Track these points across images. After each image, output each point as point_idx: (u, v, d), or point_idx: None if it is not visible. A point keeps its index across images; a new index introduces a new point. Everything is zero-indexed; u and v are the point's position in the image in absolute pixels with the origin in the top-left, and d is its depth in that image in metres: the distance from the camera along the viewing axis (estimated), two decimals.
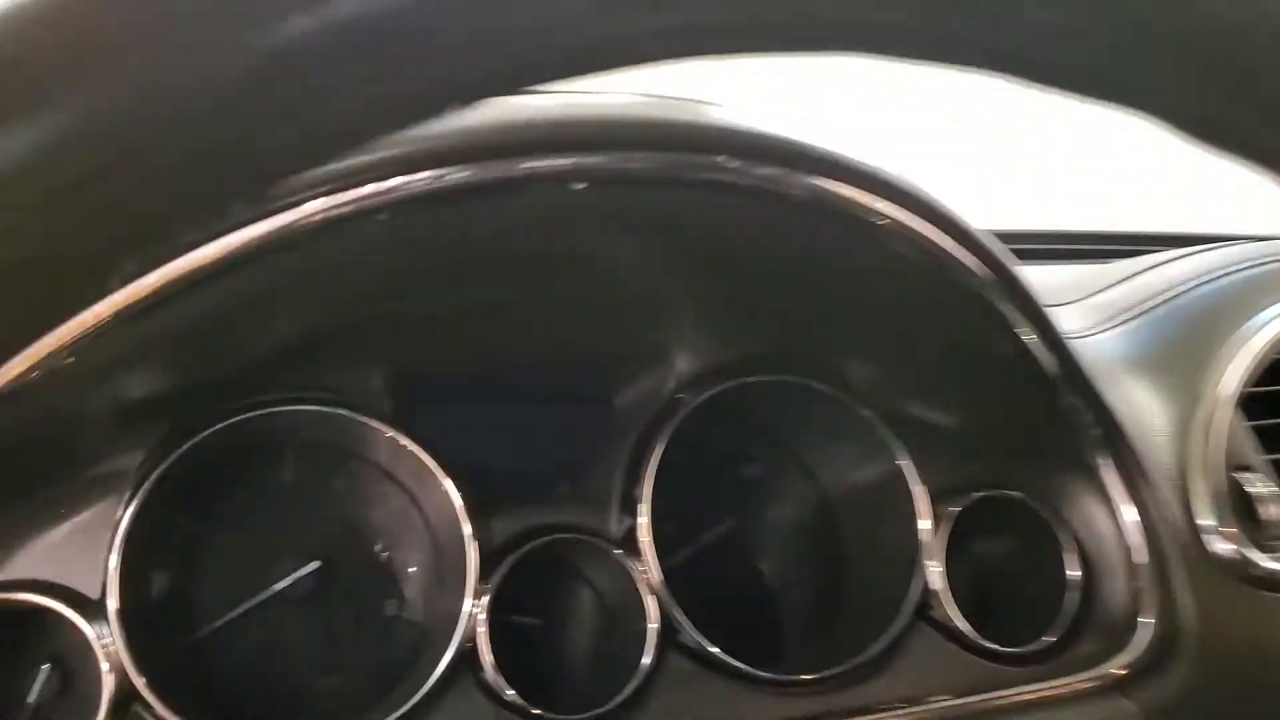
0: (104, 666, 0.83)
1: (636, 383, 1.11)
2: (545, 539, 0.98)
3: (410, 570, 1.06)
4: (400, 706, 0.89)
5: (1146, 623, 1.05)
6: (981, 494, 1.09)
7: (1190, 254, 1.39)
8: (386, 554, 1.06)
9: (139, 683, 0.83)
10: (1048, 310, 1.03)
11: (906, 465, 1.08)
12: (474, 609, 0.93)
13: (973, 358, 1.07)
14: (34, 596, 0.83)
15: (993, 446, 1.13)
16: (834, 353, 1.10)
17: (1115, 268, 1.44)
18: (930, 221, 0.91)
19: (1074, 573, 1.08)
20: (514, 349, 1.05)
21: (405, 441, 0.95)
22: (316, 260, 0.79)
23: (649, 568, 0.99)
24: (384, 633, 1.04)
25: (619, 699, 0.93)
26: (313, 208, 0.72)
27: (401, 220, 0.75)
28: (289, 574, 0.99)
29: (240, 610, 0.98)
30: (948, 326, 1.04)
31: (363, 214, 0.73)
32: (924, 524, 1.07)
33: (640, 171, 0.79)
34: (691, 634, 0.97)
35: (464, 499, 0.99)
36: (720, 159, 0.80)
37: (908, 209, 0.89)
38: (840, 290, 1.02)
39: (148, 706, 0.83)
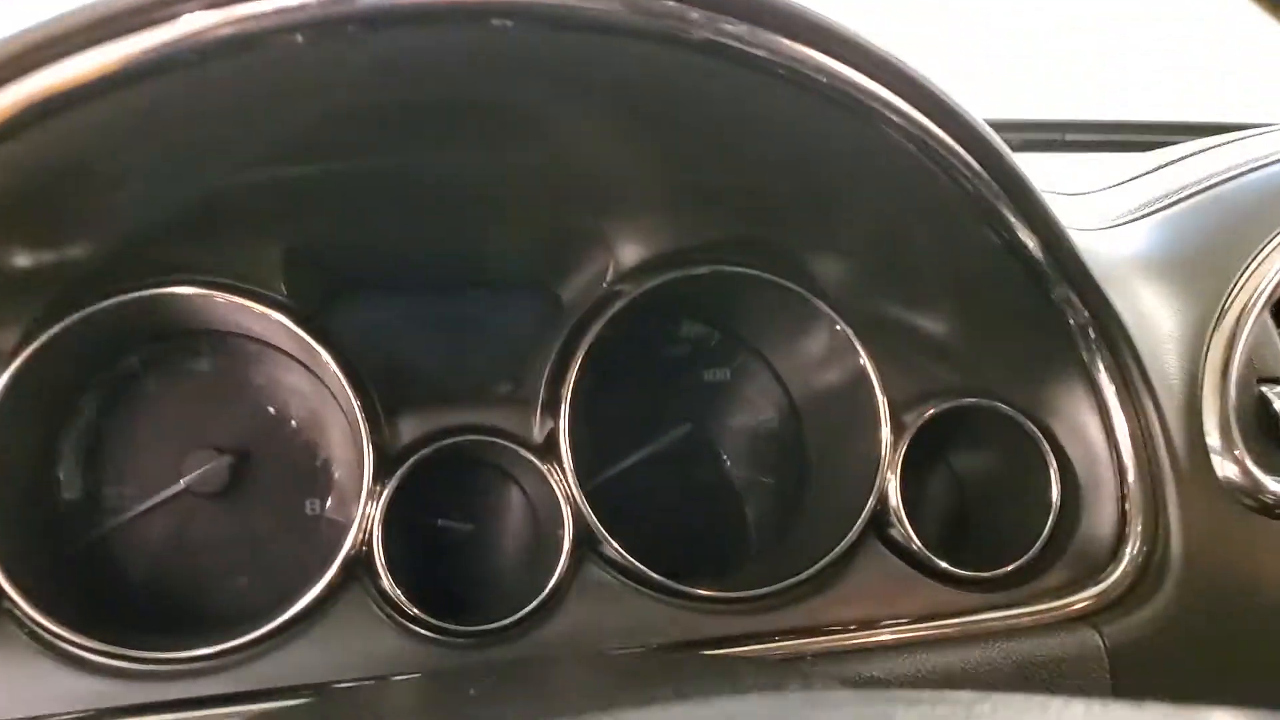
0: None
1: (573, 272, 1.01)
2: (451, 441, 0.91)
3: (333, 468, 1.00)
4: (288, 611, 0.84)
5: (1128, 552, 0.94)
6: (952, 404, 0.98)
7: (1231, 141, 1.22)
8: (310, 449, 1.00)
9: (3, 581, 0.78)
10: (1052, 201, 0.90)
11: (868, 369, 0.97)
12: (370, 511, 0.87)
13: (954, 251, 0.95)
14: None
15: (973, 351, 1.01)
16: (796, 243, 0.99)
17: (1146, 159, 1.28)
18: (914, 101, 0.78)
19: (1054, 492, 0.98)
20: (438, 227, 0.95)
21: (298, 330, 0.87)
22: (208, 96, 0.69)
23: (566, 475, 0.91)
24: (304, 532, 0.99)
25: (523, 611, 0.87)
26: (201, 22, 0.62)
27: (316, 49, 0.64)
28: (198, 468, 0.94)
29: (142, 507, 0.93)
30: (927, 216, 0.92)
31: (265, 35, 0.62)
32: (883, 435, 0.96)
33: (591, 13, 0.68)
34: (610, 544, 0.89)
35: (376, 394, 0.92)
36: (679, 5, 0.68)
37: (889, 85, 0.77)
38: (807, 173, 0.90)
39: (16, 604, 0.79)
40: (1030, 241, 0.89)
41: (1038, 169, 0.91)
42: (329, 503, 0.99)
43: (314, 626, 0.85)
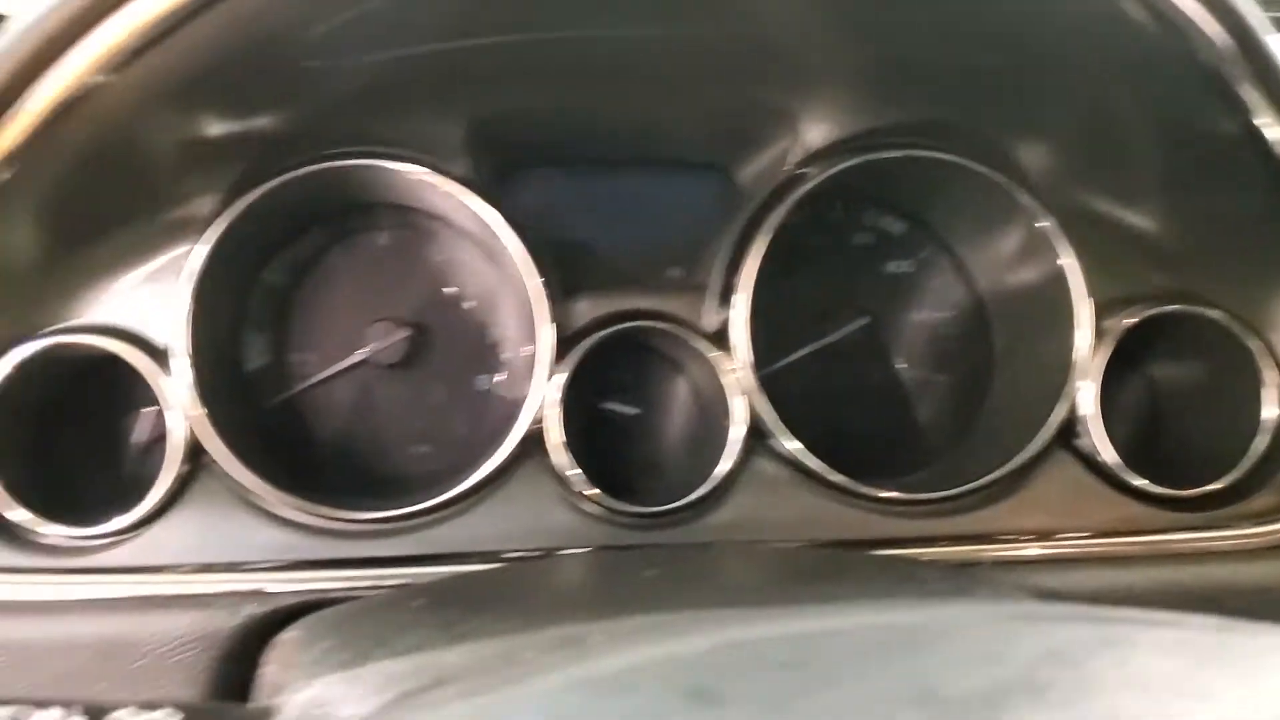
0: (172, 417, 0.83)
1: (754, 152, 0.97)
2: (626, 326, 0.90)
3: (504, 347, 1.01)
4: (465, 482, 0.86)
5: None
6: (1160, 309, 0.91)
7: None
8: (483, 326, 1.01)
9: (206, 436, 0.83)
10: None
11: (1071, 266, 0.90)
12: (548, 390, 0.87)
13: (1181, 138, 0.86)
14: (105, 341, 0.83)
15: (1188, 251, 0.93)
16: (1000, 126, 0.91)
17: None
18: None
19: (1272, 410, 0.90)
20: (622, 103, 0.92)
21: (480, 206, 0.87)
22: None
23: (740, 366, 0.88)
24: (477, 406, 1.01)
25: (692, 497, 0.86)
26: None
27: None
28: (379, 339, 0.97)
29: (326, 374, 0.96)
30: (1154, 95, 0.83)
31: None
32: (1082, 338, 0.90)
33: None
34: (781, 439, 0.87)
35: (553, 274, 0.91)
36: None
37: None
38: (1021, 45, 0.82)
39: (216, 459, 0.84)
40: (1274, 132, 0.80)
41: None
42: (499, 380, 1.01)
43: (490, 497, 0.87)
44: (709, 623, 0.43)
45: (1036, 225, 0.91)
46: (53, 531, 0.82)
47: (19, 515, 0.81)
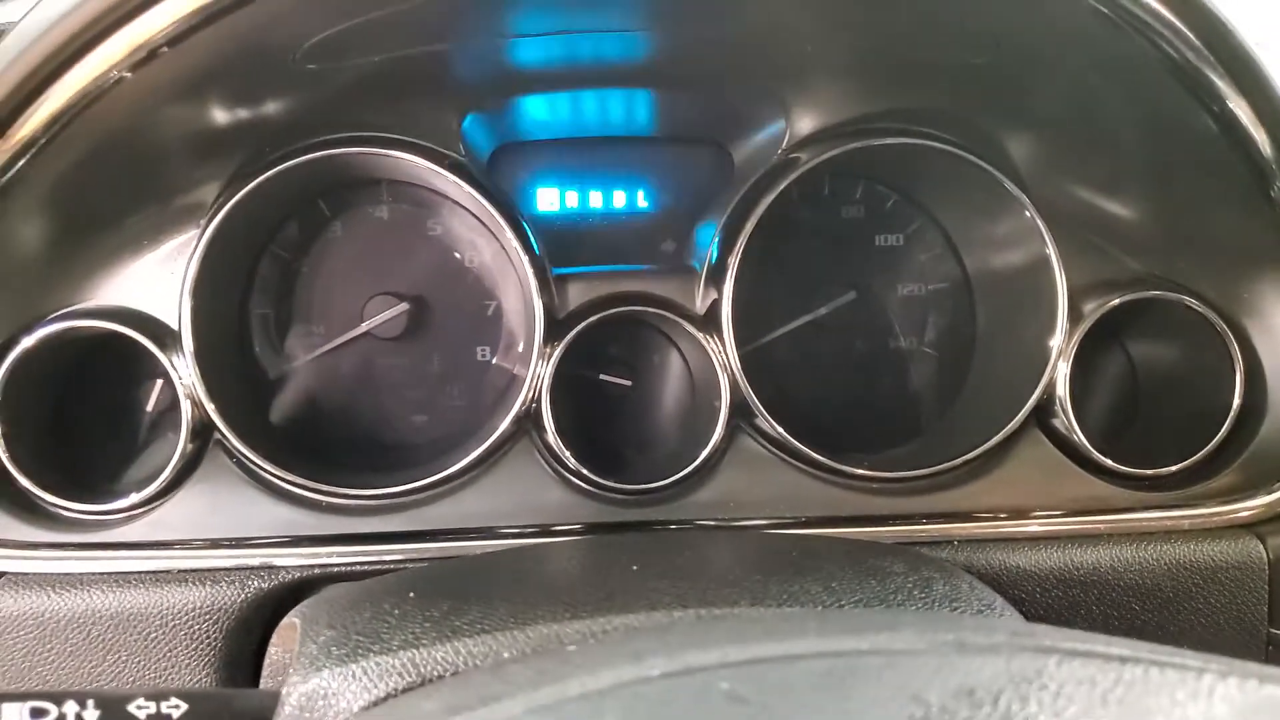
0: (181, 395, 0.87)
1: (749, 132, 0.99)
2: (616, 310, 0.93)
3: (506, 318, 1.04)
4: (460, 461, 0.90)
5: None
6: (1135, 295, 0.93)
7: None
8: (484, 297, 1.04)
9: (214, 415, 0.86)
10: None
11: (1051, 256, 0.93)
12: (540, 370, 0.91)
13: (1162, 134, 0.88)
14: (116, 326, 0.86)
15: (1166, 240, 0.95)
16: (987, 116, 0.93)
17: None
18: None
19: (1236, 395, 0.93)
20: (617, 94, 0.95)
21: (473, 190, 0.89)
22: None
23: (725, 348, 0.92)
24: (477, 376, 1.04)
25: (678, 476, 0.90)
26: None
27: None
28: (379, 313, 1.00)
29: (327, 348, 0.99)
30: (1137, 96, 0.85)
31: None
32: (1058, 322, 0.92)
33: None
34: (764, 418, 0.91)
35: (546, 253, 0.94)
36: None
37: None
38: (1006, 48, 0.84)
39: (226, 436, 0.88)
40: (1251, 130, 0.82)
41: None
42: (499, 350, 1.04)
43: (484, 475, 0.91)
44: (673, 640, 0.46)
45: (1023, 215, 0.93)
46: (72, 508, 0.86)
47: (41, 492, 0.86)
